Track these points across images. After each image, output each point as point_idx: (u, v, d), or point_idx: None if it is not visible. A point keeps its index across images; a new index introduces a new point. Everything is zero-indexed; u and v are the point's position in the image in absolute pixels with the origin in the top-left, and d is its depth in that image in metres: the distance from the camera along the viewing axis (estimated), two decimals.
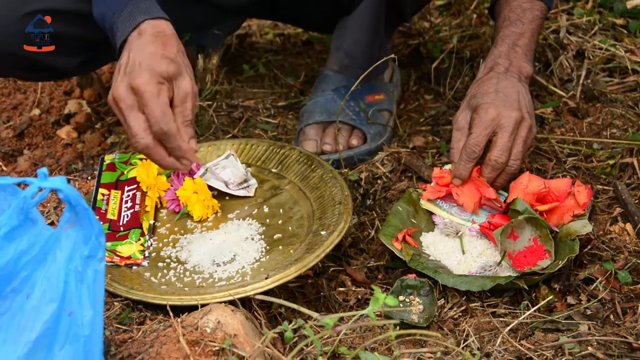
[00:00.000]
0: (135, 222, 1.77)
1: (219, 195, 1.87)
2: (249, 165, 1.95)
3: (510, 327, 1.57)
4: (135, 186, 1.85)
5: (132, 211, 1.80)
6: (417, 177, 2.00)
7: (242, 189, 1.88)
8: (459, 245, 1.77)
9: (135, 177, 1.86)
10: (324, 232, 1.69)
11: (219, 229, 1.78)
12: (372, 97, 2.14)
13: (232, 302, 1.53)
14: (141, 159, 1.90)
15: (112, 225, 1.76)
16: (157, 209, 1.86)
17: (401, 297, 1.64)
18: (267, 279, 1.57)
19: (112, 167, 1.91)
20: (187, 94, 1.60)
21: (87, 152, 2.19)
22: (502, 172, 1.78)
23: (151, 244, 1.76)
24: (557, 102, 2.20)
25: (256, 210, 1.83)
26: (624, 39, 2.37)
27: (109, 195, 1.83)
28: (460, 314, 1.64)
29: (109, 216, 1.78)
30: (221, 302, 1.52)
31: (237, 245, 1.72)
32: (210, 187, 1.85)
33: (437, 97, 2.33)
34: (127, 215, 1.79)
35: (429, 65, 2.39)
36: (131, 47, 1.61)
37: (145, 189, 1.85)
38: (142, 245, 1.73)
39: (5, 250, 1.19)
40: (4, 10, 1.85)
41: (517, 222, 1.70)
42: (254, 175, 1.92)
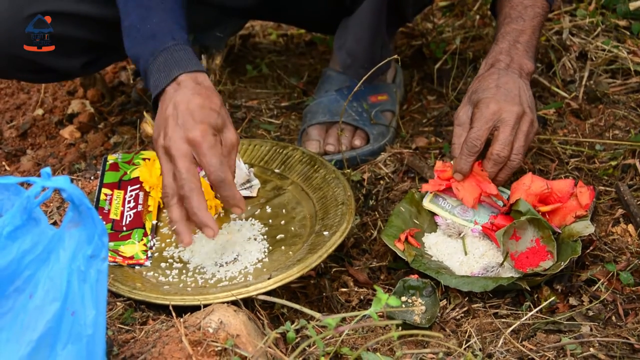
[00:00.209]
0: (138, 222, 1.77)
1: None
2: (251, 165, 1.95)
3: (512, 328, 1.57)
4: (138, 186, 1.85)
5: (134, 211, 1.80)
6: (420, 177, 2.00)
7: (244, 189, 1.88)
8: (462, 246, 1.77)
9: (138, 177, 1.86)
10: (326, 233, 1.69)
11: (221, 229, 1.78)
12: (375, 97, 2.14)
13: (234, 303, 1.54)
14: (144, 159, 1.90)
15: (115, 225, 1.76)
16: (159, 209, 1.86)
17: (403, 298, 1.64)
18: (269, 279, 1.57)
19: (115, 167, 1.91)
20: (233, 145, 1.63)
21: (90, 152, 2.20)
22: (504, 166, 1.78)
23: (154, 244, 1.76)
24: (560, 103, 2.20)
25: (259, 210, 1.83)
26: (626, 40, 2.37)
27: (112, 195, 1.84)
28: (462, 315, 1.64)
29: (112, 216, 1.78)
30: (224, 303, 1.53)
31: (239, 245, 1.73)
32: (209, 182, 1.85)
33: (440, 98, 2.33)
34: (129, 215, 1.79)
35: (432, 66, 2.39)
36: (175, 99, 1.62)
37: (148, 189, 1.85)
38: (145, 245, 1.73)
39: (8, 249, 1.19)
40: (6, 12, 1.85)
41: (519, 223, 1.70)
42: (256, 175, 1.93)
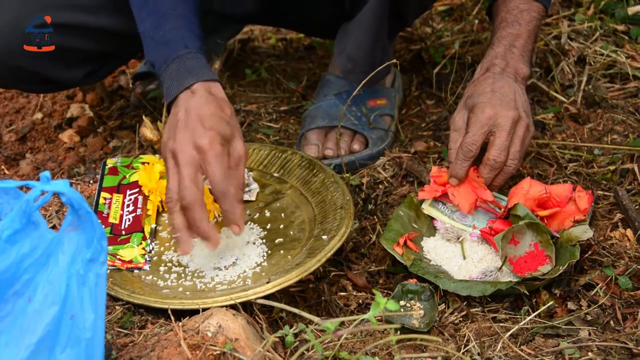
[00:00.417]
0: (137, 226, 1.78)
1: None
2: (250, 169, 1.95)
3: (510, 333, 1.57)
4: (137, 190, 1.86)
5: (133, 215, 1.80)
6: (419, 182, 2.00)
7: (243, 193, 1.88)
8: (460, 250, 1.77)
9: (137, 181, 1.87)
10: (325, 237, 1.69)
11: (220, 233, 1.78)
12: (374, 102, 2.15)
13: (233, 306, 1.54)
14: (143, 163, 1.90)
15: (114, 229, 1.76)
16: (158, 213, 1.86)
17: (402, 302, 1.64)
18: (268, 283, 1.57)
19: (114, 171, 1.91)
20: (240, 157, 1.62)
21: (90, 156, 2.20)
22: (500, 172, 1.78)
23: (153, 248, 1.77)
24: (558, 107, 2.20)
25: (258, 214, 1.84)
26: (625, 45, 2.37)
27: (111, 199, 1.84)
28: (461, 319, 1.64)
29: (111, 220, 1.78)
30: (222, 306, 1.53)
31: (238, 249, 1.73)
32: (211, 191, 1.85)
33: (439, 103, 2.33)
34: (128, 219, 1.79)
35: (431, 70, 2.39)
36: (187, 105, 1.62)
37: (147, 193, 1.85)
38: (144, 249, 1.74)
39: (7, 253, 1.19)
40: (7, 26, 1.85)
41: (518, 227, 1.70)
42: (255, 179, 1.93)
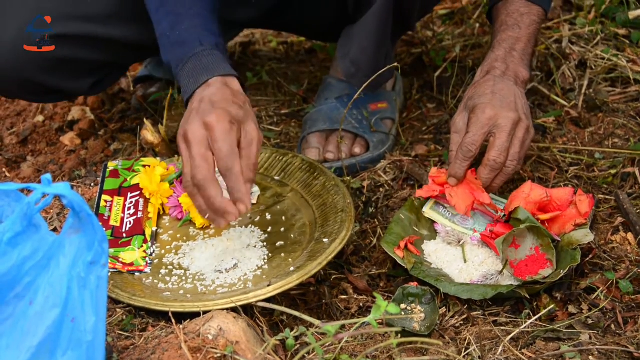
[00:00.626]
0: (138, 228, 1.78)
1: None
2: None
3: (511, 336, 1.57)
4: (138, 193, 1.86)
5: (134, 218, 1.80)
6: (420, 185, 2.00)
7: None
8: (461, 253, 1.77)
9: (138, 184, 1.87)
10: (326, 240, 1.69)
11: (221, 236, 1.79)
12: (375, 105, 2.15)
13: (234, 309, 1.54)
14: (144, 166, 1.90)
15: (115, 231, 1.77)
16: (159, 216, 1.86)
17: (403, 305, 1.64)
18: (269, 286, 1.57)
19: (115, 173, 1.91)
20: (253, 138, 1.62)
21: (91, 159, 2.20)
22: (499, 173, 1.78)
23: (154, 251, 1.77)
24: (559, 111, 2.20)
25: (258, 217, 1.84)
26: (626, 49, 2.37)
27: (112, 201, 1.84)
28: (461, 323, 1.64)
29: (112, 223, 1.78)
30: (223, 309, 1.53)
31: (239, 252, 1.73)
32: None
33: (440, 106, 2.33)
34: (129, 222, 1.79)
35: (432, 74, 2.39)
36: (201, 96, 1.64)
37: (148, 196, 1.85)
38: (145, 252, 1.74)
39: (8, 256, 1.19)
40: (13, 42, 1.85)
41: (518, 231, 1.70)
42: (256, 182, 1.93)
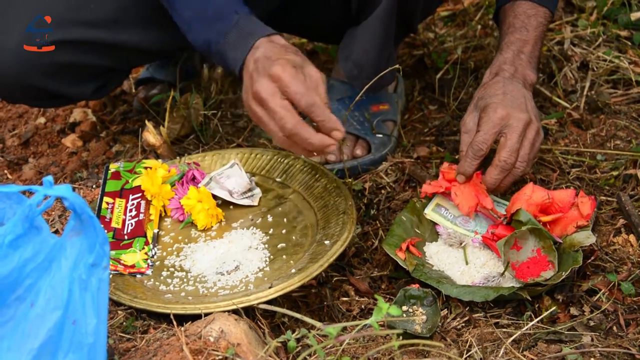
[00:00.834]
0: (139, 230, 1.78)
1: (223, 204, 1.87)
2: (253, 174, 1.95)
3: (513, 338, 1.56)
4: (139, 195, 1.86)
5: (136, 220, 1.80)
6: (421, 187, 2.00)
7: (246, 198, 1.88)
8: (463, 255, 1.77)
9: (139, 186, 1.87)
10: (327, 242, 1.69)
11: (222, 238, 1.79)
12: (376, 107, 2.14)
13: (235, 311, 1.54)
14: (146, 168, 1.90)
15: (117, 233, 1.77)
16: (161, 218, 1.86)
17: (404, 307, 1.64)
18: (270, 288, 1.57)
19: (116, 175, 1.91)
20: (317, 79, 1.65)
21: (92, 161, 2.20)
22: (508, 174, 1.78)
23: (155, 253, 1.77)
24: (561, 113, 2.20)
25: (260, 219, 1.84)
26: (628, 50, 2.37)
27: (114, 203, 1.84)
28: (463, 325, 1.64)
29: (114, 225, 1.79)
30: (224, 311, 1.53)
31: (240, 254, 1.73)
32: (214, 196, 1.86)
33: (441, 108, 2.33)
34: (131, 223, 1.79)
35: (434, 75, 2.39)
36: (254, 57, 1.67)
37: (149, 198, 1.85)
38: (146, 254, 1.74)
39: (10, 258, 1.19)
40: (17, 47, 1.85)
41: (520, 232, 1.70)
42: (258, 184, 1.93)
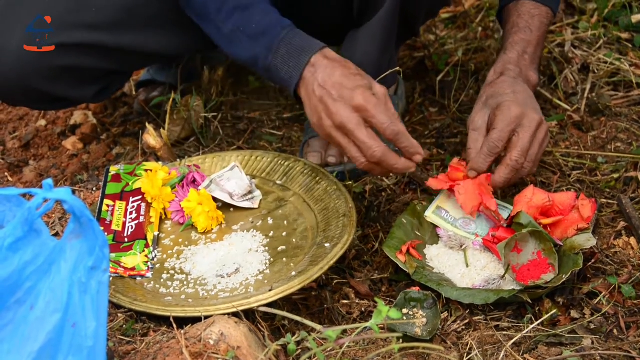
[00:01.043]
0: (139, 233, 1.78)
1: (224, 206, 1.87)
2: (253, 177, 1.95)
3: (513, 341, 1.56)
4: (140, 197, 1.86)
5: (136, 222, 1.80)
6: (422, 189, 2.00)
7: (246, 200, 1.88)
8: (463, 258, 1.77)
9: (140, 188, 1.87)
10: (328, 245, 1.69)
11: (223, 241, 1.79)
12: None
13: (235, 314, 1.53)
14: (146, 170, 1.90)
15: (117, 236, 1.77)
16: (161, 220, 1.86)
17: (405, 310, 1.64)
18: (270, 291, 1.57)
19: (117, 178, 1.91)
20: (385, 95, 1.69)
21: (93, 163, 2.20)
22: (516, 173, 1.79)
23: (155, 255, 1.77)
24: (562, 115, 2.20)
25: (260, 222, 1.84)
26: (628, 52, 2.37)
27: (114, 206, 1.84)
28: (463, 327, 1.64)
29: (114, 227, 1.78)
30: (225, 314, 1.52)
31: (241, 257, 1.73)
32: (214, 199, 1.86)
33: (442, 110, 2.33)
34: (131, 226, 1.79)
35: (434, 78, 2.40)
36: (317, 80, 1.69)
37: (150, 200, 1.85)
38: (147, 256, 1.74)
39: (9, 261, 1.19)
40: (19, 50, 1.85)
41: (521, 235, 1.70)
42: (258, 187, 1.93)
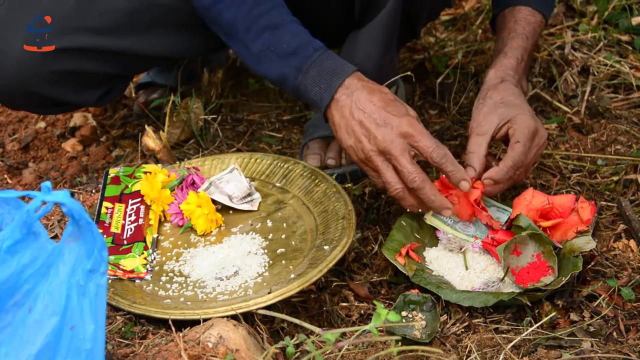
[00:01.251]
0: (138, 235, 1.77)
1: (223, 209, 1.87)
2: (253, 179, 1.95)
3: (512, 344, 1.56)
4: (139, 199, 1.86)
5: (135, 225, 1.80)
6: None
7: (245, 203, 1.88)
8: (463, 261, 1.77)
9: (139, 191, 1.86)
10: (327, 247, 1.69)
11: (222, 243, 1.78)
12: None
13: (234, 317, 1.53)
14: (145, 173, 1.90)
15: (116, 238, 1.76)
16: (160, 223, 1.86)
17: (404, 313, 1.64)
18: (269, 293, 1.57)
19: (116, 180, 1.91)
20: (417, 119, 1.71)
21: (92, 165, 2.20)
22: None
23: (154, 258, 1.76)
24: (562, 118, 2.20)
25: (260, 224, 1.83)
26: (628, 55, 2.37)
27: (113, 208, 1.84)
28: (462, 330, 1.64)
29: (113, 229, 1.78)
30: (223, 317, 1.52)
31: (240, 259, 1.72)
32: (214, 201, 1.85)
33: (442, 112, 2.33)
34: (130, 228, 1.79)
35: (434, 80, 2.39)
36: (354, 103, 1.70)
37: (149, 203, 1.85)
38: (146, 259, 1.73)
39: (8, 263, 1.19)
40: (22, 54, 1.85)
41: (520, 238, 1.69)
42: (257, 189, 1.93)
